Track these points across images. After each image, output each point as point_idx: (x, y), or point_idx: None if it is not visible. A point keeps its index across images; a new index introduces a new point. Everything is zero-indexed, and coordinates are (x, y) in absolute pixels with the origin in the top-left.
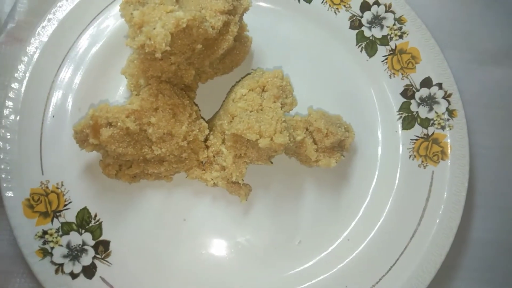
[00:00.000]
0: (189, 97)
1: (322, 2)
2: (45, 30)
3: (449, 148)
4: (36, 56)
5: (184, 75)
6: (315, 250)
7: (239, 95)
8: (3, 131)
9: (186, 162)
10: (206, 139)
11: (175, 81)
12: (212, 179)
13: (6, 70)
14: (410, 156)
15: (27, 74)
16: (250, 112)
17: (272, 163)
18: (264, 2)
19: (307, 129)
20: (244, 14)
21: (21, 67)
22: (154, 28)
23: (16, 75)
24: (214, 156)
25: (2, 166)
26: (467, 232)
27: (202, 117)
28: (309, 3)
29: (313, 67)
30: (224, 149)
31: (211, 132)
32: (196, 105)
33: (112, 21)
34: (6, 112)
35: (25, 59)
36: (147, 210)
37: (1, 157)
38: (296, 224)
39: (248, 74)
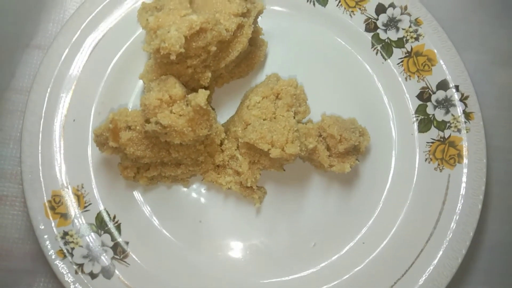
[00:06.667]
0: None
1: (337, 5)
2: (66, 37)
3: (465, 151)
4: (58, 62)
5: (201, 78)
6: (330, 253)
7: (253, 102)
8: (25, 134)
9: (202, 165)
10: (221, 143)
11: (192, 84)
12: (226, 183)
13: (27, 76)
14: (426, 159)
15: (49, 80)
16: (264, 120)
17: (284, 170)
18: (279, 6)
19: (320, 135)
20: (259, 17)
21: (42, 73)
22: (169, 32)
23: (37, 80)
24: (228, 161)
25: (25, 169)
26: (483, 235)
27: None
28: (324, 6)
29: (328, 70)
30: (239, 155)
31: (226, 137)
32: (213, 108)
33: (130, 27)
34: (28, 116)
35: (46, 65)
36: (163, 212)
37: (24, 160)
38: (311, 226)
39: (263, 81)
